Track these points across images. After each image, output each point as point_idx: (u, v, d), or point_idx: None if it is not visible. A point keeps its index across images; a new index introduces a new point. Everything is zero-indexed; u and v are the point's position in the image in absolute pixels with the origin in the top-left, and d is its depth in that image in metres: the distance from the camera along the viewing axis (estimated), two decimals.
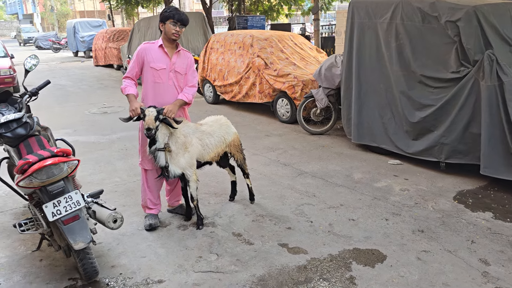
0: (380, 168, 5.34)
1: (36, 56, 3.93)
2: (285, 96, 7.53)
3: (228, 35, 9.08)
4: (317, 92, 6.68)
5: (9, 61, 12.51)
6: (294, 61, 7.95)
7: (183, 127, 3.77)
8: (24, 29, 44.68)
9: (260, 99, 8.08)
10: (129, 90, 3.68)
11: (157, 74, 3.72)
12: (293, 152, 6.07)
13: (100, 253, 3.49)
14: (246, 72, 8.26)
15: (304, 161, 5.67)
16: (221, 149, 4.00)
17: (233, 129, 4.15)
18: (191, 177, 3.77)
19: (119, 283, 3.08)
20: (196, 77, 3.96)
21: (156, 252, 3.48)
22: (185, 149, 3.71)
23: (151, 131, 3.49)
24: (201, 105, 9.63)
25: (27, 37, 40.35)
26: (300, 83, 7.24)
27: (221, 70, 9.02)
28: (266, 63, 7.88)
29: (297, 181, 4.95)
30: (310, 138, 6.76)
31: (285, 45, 8.31)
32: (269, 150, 6.16)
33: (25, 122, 3.23)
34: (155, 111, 3.54)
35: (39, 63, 3.90)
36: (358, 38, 5.72)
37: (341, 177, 5.07)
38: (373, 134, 5.77)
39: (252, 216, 4.09)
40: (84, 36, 23.37)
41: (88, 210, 3.16)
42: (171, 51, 3.76)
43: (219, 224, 3.94)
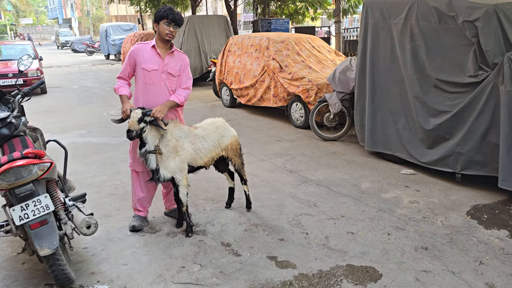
0: (391, 177, 5.02)
1: (30, 56, 3.87)
2: (299, 100, 7.30)
3: (246, 37, 8.94)
4: (330, 96, 6.42)
5: (37, 63, 12.85)
6: (310, 64, 7.71)
7: (175, 130, 3.63)
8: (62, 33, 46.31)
9: (275, 103, 7.88)
10: (121, 91, 3.60)
11: (148, 75, 3.60)
12: (301, 158, 5.83)
13: (83, 258, 3.38)
14: (262, 76, 8.09)
15: (311, 168, 5.42)
16: (216, 153, 3.83)
17: (231, 132, 3.98)
18: (180, 181, 3.62)
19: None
20: (190, 79, 3.82)
21: (139, 260, 3.34)
22: (175, 153, 3.57)
23: (131, 133, 3.39)
24: (218, 109, 9.53)
25: (64, 40, 41.74)
26: (315, 87, 6.99)
27: (238, 73, 8.89)
28: (281, 66, 7.68)
29: (300, 189, 4.71)
30: (322, 144, 6.49)
31: (302, 48, 8.08)
32: (277, 156, 5.95)
33: (9, 122, 3.15)
34: (140, 113, 3.43)
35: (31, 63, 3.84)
36: (372, 40, 5.43)
37: (347, 186, 4.79)
38: (387, 141, 5.46)
39: (246, 225, 3.89)
40: (115, 40, 23.89)
41: (67, 214, 3.06)
42: (164, 52, 3.64)
43: (210, 233, 3.76)
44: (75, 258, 3.36)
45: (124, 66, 3.66)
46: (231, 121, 8.11)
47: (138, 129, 3.41)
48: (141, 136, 3.47)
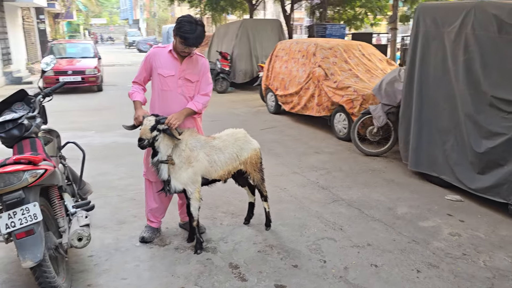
0: (434, 203, 4.50)
1: (54, 57, 3.85)
2: (343, 111, 6.88)
3: (294, 43, 8.64)
4: (375, 108, 5.95)
5: (96, 61, 13.38)
6: (357, 73, 7.25)
7: (190, 139, 3.43)
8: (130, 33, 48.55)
9: (318, 112, 7.51)
10: (135, 97, 3.46)
11: (164, 81, 3.43)
12: (337, 174, 5.43)
13: (85, 267, 3.27)
14: (306, 83, 7.75)
15: (346, 185, 5.01)
16: (233, 167, 3.58)
17: (252, 144, 3.70)
18: (192, 194, 3.41)
19: None
20: (210, 85, 3.61)
21: (140, 275, 3.17)
22: (188, 164, 3.36)
23: (143, 142, 3.23)
24: (262, 115, 9.30)
25: (132, 40, 43.67)
26: (360, 98, 6.54)
27: (283, 79, 8.61)
28: (326, 73, 7.30)
29: (328, 209, 4.34)
30: (362, 159, 6.04)
31: (351, 56, 7.63)
32: (311, 169, 5.59)
33: (20, 124, 3.12)
34: (153, 121, 3.27)
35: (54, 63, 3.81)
36: (422, 50, 4.93)
37: (381, 209, 4.35)
38: (433, 161, 4.93)
39: (260, 246, 3.61)
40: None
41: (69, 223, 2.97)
42: (181, 57, 3.45)
43: (220, 251, 3.52)
44: (77, 267, 3.26)
45: (140, 70, 3.53)
46: (273, 128, 7.86)
47: (151, 137, 3.25)
48: (154, 145, 3.31)
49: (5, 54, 15.44)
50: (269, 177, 5.22)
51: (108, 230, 3.88)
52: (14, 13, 17.59)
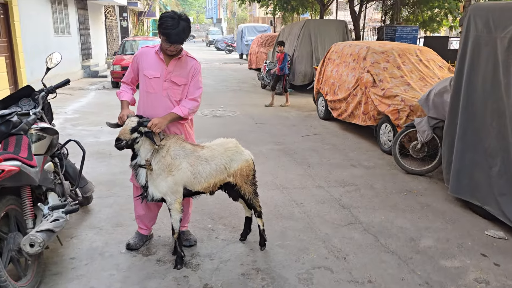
0: (469, 237, 3.83)
1: (59, 54, 3.84)
2: (389, 122, 6.24)
3: (347, 45, 8.09)
4: (420, 121, 5.29)
5: None
6: (409, 80, 6.54)
7: (174, 147, 3.21)
8: (211, 31, 50.10)
9: (363, 121, 6.93)
10: (122, 96, 3.32)
11: (149, 83, 3.25)
12: (366, 192, 4.89)
13: (61, 269, 3.20)
14: (354, 89, 7.19)
15: (371, 206, 4.48)
16: (219, 179, 3.29)
17: (243, 155, 3.38)
18: (172, 205, 3.19)
19: None
20: (199, 90, 3.36)
21: (109, 285, 3.02)
22: (168, 172, 3.14)
23: (120, 142, 3.06)
24: (311, 120, 8.85)
25: (212, 38, 44.95)
26: (407, 108, 5.88)
27: (333, 83, 8.10)
28: (374, 80, 6.69)
29: (340, 232, 3.88)
30: (401, 177, 5.40)
31: (406, 61, 6.92)
32: (339, 185, 5.11)
33: (8, 120, 3.12)
34: (135, 122, 3.10)
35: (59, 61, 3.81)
36: (471, 58, 4.24)
37: (402, 239, 3.79)
38: (476, 188, 4.22)
39: (246, 268, 3.28)
40: (248, 40, 24.64)
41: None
42: (168, 58, 3.24)
43: (202, 269, 3.26)
44: (54, 269, 3.20)
45: (128, 70, 3.38)
46: (316, 136, 7.42)
47: (130, 139, 3.07)
48: (133, 147, 3.13)
49: (85, 49, 16.54)
50: (288, 189, 4.90)
51: (101, 232, 3.80)
52: (97, 11, 18.82)
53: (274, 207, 4.44)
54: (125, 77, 3.40)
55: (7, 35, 10.46)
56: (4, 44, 10.29)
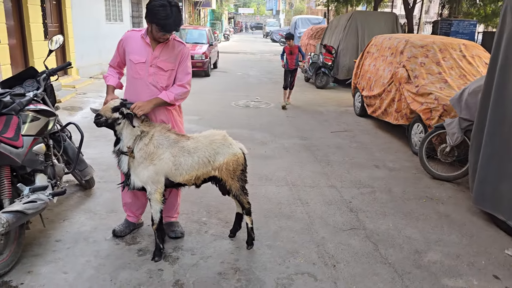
0: (484, 255, 3.41)
1: (61, 37, 3.85)
2: (421, 121, 5.77)
3: (386, 38, 7.59)
4: (450, 123, 4.82)
5: (207, 48, 13.82)
6: (447, 77, 5.99)
7: (158, 136, 3.10)
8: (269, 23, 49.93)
9: (396, 119, 6.47)
10: (108, 80, 3.26)
11: (134, 68, 3.15)
12: (382, 196, 4.53)
13: (44, 251, 3.20)
14: (389, 85, 6.74)
15: (382, 212, 4.13)
16: (202, 172, 3.13)
17: (231, 149, 3.20)
18: (151, 195, 3.09)
19: None
20: (188, 75, 3.21)
21: (81, 272, 2.97)
22: (150, 161, 3.05)
23: (100, 118, 3.01)
24: (346, 116, 8.45)
25: (269, 30, 44.82)
26: (440, 107, 5.38)
27: (370, 78, 7.66)
28: (409, 75, 6.21)
29: (338, 237, 3.60)
30: (426, 182, 4.96)
31: (447, 56, 6.35)
32: (354, 186, 4.78)
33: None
34: (118, 102, 3.03)
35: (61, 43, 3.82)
36: (504, 54, 3.74)
37: (405, 251, 3.44)
38: (500, 200, 3.76)
39: (226, 267, 3.12)
40: (301, 32, 24.18)
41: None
42: (155, 42, 3.11)
43: (179, 264, 3.14)
44: (37, 250, 3.22)
45: (114, 53, 3.29)
46: (345, 133, 7.05)
47: (110, 117, 3.02)
48: (115, 129, 3.06)
49: None
50: (298, 187, 4.65)
51: (94, 217, 3.80)
52: None
53: (276, 204, 4.22)
54: (112, 60, 3.33)
55: (58, 20, 10.94)
56: (55, 29, 10.76)
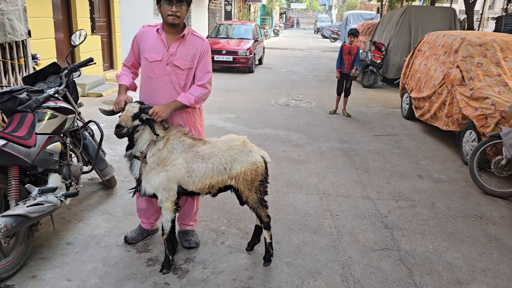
0: None
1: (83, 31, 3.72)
2: (475, 128, 5.19)
3: (440, 35, 6.96)
4: (508, 132, 4.26)
5: (251, 44, 13.60)
6: (508, 80, 5.35)
7: (173, 140, 2.88)
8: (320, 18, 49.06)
9: (446, 125, 5.90)
10: (122, 80, 3.05)
11: (150, 67, 2.93)
12: (422, 211, 4.07)
13: (53, 255, 3.09)
14: (440, 86, 6.16)
15: (421, 230, 3.69)
16: (217, 181, 2.87)
17: (251, 157, 2.89)
18: (163, 203, 2.88)
19: None
20: (208, 74, 2.94)
21: (85, 281, 2.82)
22: (163, 167, 2.83)
23: (121, 129, 2.77)
24: (392, 118, 7.90)
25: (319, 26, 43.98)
26: (497, 114, 4.79)
27: (420, 78, 7.08)
28: (463, 77, 5.62)
29: (368, 258, 3.22)
30: (476, 198, 4.42)
31: (509, 56, 5.68)
32: (391, 198, 4.35)
33: (14, 96, 3.08)
34: (137, 108, 2.81)
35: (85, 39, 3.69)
36: None
37: (444, 280, 3.00)
38: None
39: (237, 285, 2.84)
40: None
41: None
42: (170, 38, 2.88)
43: (188, 278, 2.91)
44: (46, 252, 3.11)
45: (129, 52, 3.08)
46: (389, 137, 6.57)
47: (131, 126, 2.79)
48: (133, 136, 2.86)
49: None
50: (329, 196, 4.31)
51: (110, 219, 3.66)
52: None
53: (303, 215, 3.90)
54: (126, 59, 3.12)
55: (106, 15, 11.12)
56: (102, 24, 10.95)
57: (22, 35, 4.17)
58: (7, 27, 3.87)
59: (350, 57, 7.74)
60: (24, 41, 4.32)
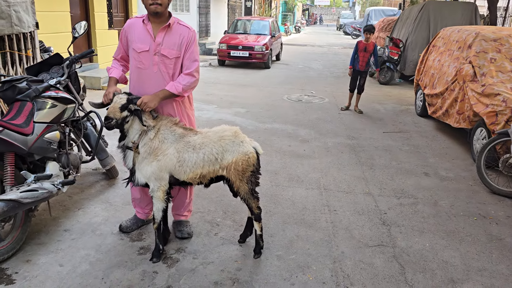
0: None
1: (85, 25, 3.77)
2: (485, 126, 5.04)
3: (455, 30, 6.78)
4: None
5: (268, 39, 13.56)
6: None
7: (164, 130, 2.90)
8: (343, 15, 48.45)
9: (457, 122, 5.76)
10: (112, 73, 3.08)
11: (138, 58, 2.95)
12: (424, 209, 3.99)
13: (50, 241, 3.16)
14: (453, 83, 6.01)
15: (420, 228, 3.62)
16: (208, 171, 2.88)
17: (242, 147, 2.89)
18: (154, 192, 2.91)
19: None
20: (195, 62, 2.95)
21: (76, 267, 2.87)
22: (154, 157, 2.86)
23: (110, 121, 2.81)
24: (404, 115, 7.75)
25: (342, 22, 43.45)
26: (508, 111, 4.65)
27: (433, 75, 6.93)
28: (475, 73, 5.46)
29: (361, 254, 3.18)
30: (482, 197, 4.30)
31: None
32: (394, 195, 4.27)
33: (13, 86, 3.16)
34: (124, 99, 2.85)
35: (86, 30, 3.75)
36: None
37: (437, 278, 2.94)
38: None
39: (224, 276, 2.85)
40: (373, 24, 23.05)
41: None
42: (156, 27, 2.89)
43: (177, 267, 2.93)
44: (43, 238, 3.19)
45: (118, 45, 3.11)
46: (400, 133, 6.46)
47: (120, 117, 2.83)
48: (123, 127, 2.90)
49: (203, 26, 17.20)
50: (330, 192, 4.27)
51: (109, 208, 3.73)
52: None
53: (300, 209, 3.87)
54: (115, 52, 3.15)
55: (124, 10, 11.28)
56: (120, 19, 11.11)
57: (29, 26, 4.27)
58: (13, 19, 3.97)
59: (365, 54, 7.64)
60: (32, 32, 4.43)
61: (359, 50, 7.70)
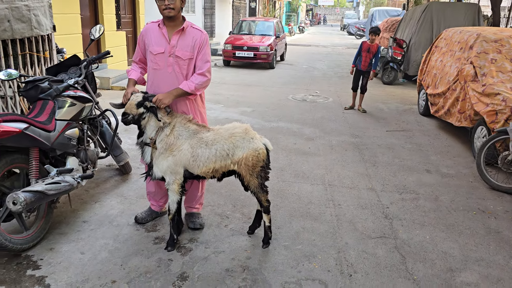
0: None
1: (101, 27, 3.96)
2: (485, 124, 5.20)
3: (457, 32, 6.94)
4: None
5: (273, 40, 13.73)
6: None
7: (178, 126, 3.09)
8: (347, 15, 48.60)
9: (458, 121, 5.92)
10: (131, 74, 3.29)
11: (154, 60, 3.15)
12: (425, 204, 4.16)
13: (70, 231, 3.36)
14: (454, 83, 6.17)
15: (420, 221, 3.79)
16: (220, 165, 3.06)
17: (253, 143, 3.07)
18: (170, 185, 3.09)
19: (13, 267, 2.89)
20: (207, 63, 3.14)
21: (97, 255, 3.06)
22: (170, 152, 3.05)
23: (127, 117, 3.02)
24: (407, 115, 7.91)
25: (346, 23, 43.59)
26: (507, 110, 4.81)
27: (436, 75, 7.08)
28: (476, 73, 5.62)
29: (363, 245, 3.35)
30: (481, 193, 4.46)
31: None
32: (395, 190, 4.44)
33: (36, 85, 3.35)
34: (140, 97, 3.04)
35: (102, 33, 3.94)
36: None
37: (437, 267, 3.11)
38: None
39: (235, 264, 3.03)
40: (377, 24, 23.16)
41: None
42: (171, 31, 3.09)
43: (191, 256, 3.11)
44: (63, 229, 3.38)
45: (136, 49, 3.31)
46: (402, 132, 6.62)
47: (136, 114, 3.03)
48: (140, 124, 3.09)
49: (208, 27, 17.40)
50: (334, 187, 4.44)
51: (124, 201, 3.92)
52: None
53: (306, 203, 4.05)
54: (134, 55, 3.35)
55: (131, 11, 11.49)
56: (128, 20, 11.32)
57: (47, 29, 4.47)
58: (33, 22, 4.18)
59: (368, 55, 7.80)
60: (49, 35, 4.63)
61: (362, 50, 7.86)
